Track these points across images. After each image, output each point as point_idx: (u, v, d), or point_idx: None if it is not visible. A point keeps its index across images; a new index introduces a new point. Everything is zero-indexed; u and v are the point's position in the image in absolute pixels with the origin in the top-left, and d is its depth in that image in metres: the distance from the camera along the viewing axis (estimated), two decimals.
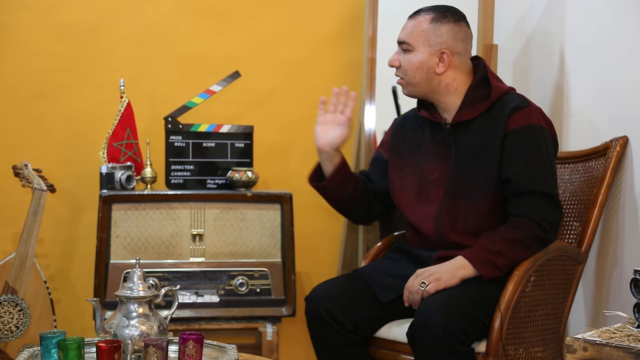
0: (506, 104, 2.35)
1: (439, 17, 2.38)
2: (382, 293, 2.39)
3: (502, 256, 2.24)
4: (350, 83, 3.53)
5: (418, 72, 2.38)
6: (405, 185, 2.47)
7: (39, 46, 3.29)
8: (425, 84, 2.40)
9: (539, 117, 2.35)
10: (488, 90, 2.38)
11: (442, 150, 2.41)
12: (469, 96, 2.38)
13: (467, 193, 2.34)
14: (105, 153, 3.07)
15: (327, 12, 3.52)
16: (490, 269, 2.23)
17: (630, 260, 2.46)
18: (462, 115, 2.38)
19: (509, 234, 2.26)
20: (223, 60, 3.40)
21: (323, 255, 3.53)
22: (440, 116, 2.43)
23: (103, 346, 1.79)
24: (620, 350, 1.68)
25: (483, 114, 2.36)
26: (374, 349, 2.42)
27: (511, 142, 2.31)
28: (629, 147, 2.50)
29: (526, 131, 2.31)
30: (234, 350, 2.01)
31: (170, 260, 3.01)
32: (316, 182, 2.55)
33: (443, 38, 2.36)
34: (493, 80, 2.40)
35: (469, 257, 2.25)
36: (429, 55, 2.37)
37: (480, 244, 2.26)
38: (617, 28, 2.59)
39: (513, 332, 2.23)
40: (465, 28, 2.42)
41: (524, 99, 2.38)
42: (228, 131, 3.15)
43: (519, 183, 2.28)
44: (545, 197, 2.29)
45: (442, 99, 2.42)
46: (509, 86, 2.43)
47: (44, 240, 3.27)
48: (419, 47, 2.38)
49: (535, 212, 2.27)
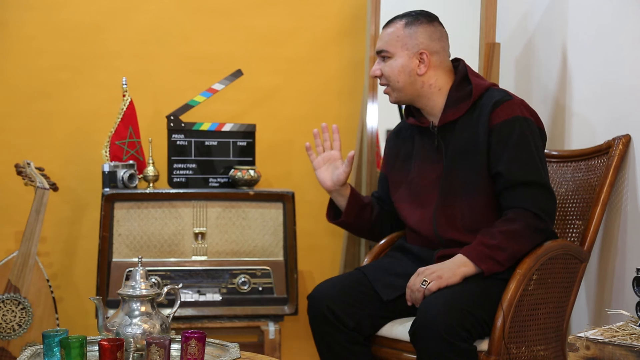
0: (488, 100, 2.37)
1: (412, 20, 2.43)
2: (384, 291, 2.39)
3: (502, 250, 2.24)
4: (352, 81, 3.54)
5: (401, 76, 2.42)
6: (403, 195, 2.52)
7: (41, 44, 3.29)
8: (409, 87, 2.43)
9: (522, 109, 2.36)
10: (470, 89, 2.41)
11: (432, 154, 2.44)
12: (452, 96, 2.42)
13: (460, 191, 2.36)
14: (107, 151, 3.08)
15: (329, 11, 3.52)
16: (491, 264, 2.24)
17: (633, 259, 2.46)
18: (447, 117, 2.41)
19: (506, 227, 2.26)
20: (225, 59, 3.40)
21: (325, 253, 3.54)
22: (427, 120, 2.47)
23: (105, 344, 1.79)
24: (622, 348, 1.68)
25: (467, 113, 2.39)
26: (376, 348, 2.42)
27: (497, 136, 2.32)
28: (631, 145, 2.50)
29: (510, 123, 2.32)
30: (236, 348, 2.01)
31: (173, 258, 3.01)
32: (334, 220, 2.67)
33: (419, 39, 2.41)
34: (473, 78, 2.42)
35: (469, 254, 2.26)
36: (409, 58, 2.42)
37: (478, 240, 2.27)
38: (619, 26, 2.58)
39: (515, 330, 2.23)
40: (440, 27, 2.46)
41: (506, 93, 2.40)
42: (230, 130, 3.15)
43: (509, 176, 2.30)
44: (538, 186, 2.30)
45: (427, 102, 2.45)
46: (490, 82, 2.45)
47: (46, 239, 3.27)
48: (397, 52, 2.43)
49: (529, 202, 2.28)
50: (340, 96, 3.54)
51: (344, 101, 3.54)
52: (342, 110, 3.53)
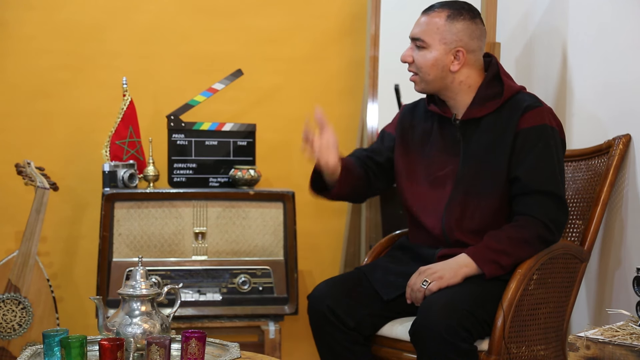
0: (518, 103, 2.33)
1: (455, 14, 2.34)
2: (384, 291, 2.39)
3: (507, 255, 2.23)
4: (352, 81, 3.54)
5: (432, 70, 2.35)
6: (412, 175, 2.45)
7: (42, 44, 3.29)
8: (438, 81, 2.37)
9: (550, 118, 2.33)
10: (500, 89, 2.36)
11: (450, 146, 2.39)
12: (481, 94, 2.37)
13: (476, 191, 2.33)
14: (107, 151, 3.08)
15: (329, 10, 3.52)
16: (494, 268, 2.23)
17: (633, 259, 2.45)
18: (473, 113, 2.36)
19: (515, 233, 2.25)
20: (225, 59, 3.40)
21: (325, 253, 3.53)
22: (450, 112, 2.41)
23: (106, 344, 1.79)
24: (622, 348, 1.68)
25: (494, 112, 2.35)
26: (376, 347, 2.42)
27: (522, 141, 2.29)
28: (632, 145, 2.49)
29: (538, 131, 2.29)
30: (236, 348, 2.01)
31: (173, 258, 3.01)
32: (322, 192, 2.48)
33: (459, 36, 2.33)
34: (505, 79, 2.38)
35: (473, 255, 2.24)
36: (444, 53, 2.34)
37: (485, 243, 2.26)
38: (620, 25, 2.58)
39: (515, 330, 2.23)
40: (481, 25, 2.38)
41: (537, 99, 2.36)
42: (230, 129, 3.15)
43: (527, 182, 2.27)
44: (553, 197, 2.27)
45: (453, 96, 2.40)
46: (520, 85, 2.41)
47: (46, 239, 3.27)
48: (434, 44, 2.34)
49: (542, 212, 2.25)
50: (340, 96, 3.54)
51: (344, 101, 3.53)
52: (342, 110, 3.52)
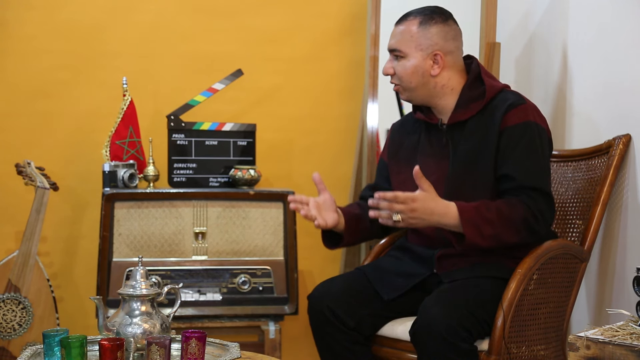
0: (501, 102, 2.34)
1: (427, 19, 2.37)
2: (384, 291, 2.39)
3: (491, 226, 2.20)
4: (352, 81, 3.53)
5: (414, 77, 2.38)
6: (406, 185, 2.45)
7: (42, 44, 3.29)
8: (421, 87, 2.39)
9: (534, 115, 2.34)
10: (482, 89, 2.38)
11: (439, 151, 2.41)
12: (464, 96, 2.38)
13: (467, 193, 2.32)
14: (107, 151, 3.08)
15: (329, 10, 3.52)
16: (475, 233, 2.19)
17: (633, 258, 2.46)
18: (458, 116, 2.38)
19: (505, 208, 2.22)
20: (225, 59, 3.40)
21: (325, 253, 3.52)
22: (436, 117, 2.44)
23: (106, 344, 1.79)
24: (622, 348, 1.68)
25: (478, 113, 2.36)
26: (376, 347, 2.42)
27: (507, 139, 2.30)
28: (631, 145, 2.50)
29: (522, 128, 2.30)
30: (236, 348, 2.01)
31: (173, 258, 3.01)
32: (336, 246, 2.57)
33: (434, 40, 2.36)
34: (487, 79, 2.39)
35: (461, 212, 2.20)
36: (422, 59, 2.36)
37: (476, 205, 2.22)
38: (620, 26, 2.58)
39: (516, 330, 2.23)
40: (454, 26, 2.40)
41: (520, 96, 2.37)
42: (230, 129, 3.15)
43: (515, 179, 2.27)
44: (541, 193, 2.28)
45: (438, 102, 2.41)
46: (503, 84, 2.42)
47: (46, 239, 3.27)
48: (411, 52, 2.37)
49: (531, 202, 2.25)
50: (340, 96, 3.54)
51: (344, 101, 3.53)
52: (342, 109, 3.52)
